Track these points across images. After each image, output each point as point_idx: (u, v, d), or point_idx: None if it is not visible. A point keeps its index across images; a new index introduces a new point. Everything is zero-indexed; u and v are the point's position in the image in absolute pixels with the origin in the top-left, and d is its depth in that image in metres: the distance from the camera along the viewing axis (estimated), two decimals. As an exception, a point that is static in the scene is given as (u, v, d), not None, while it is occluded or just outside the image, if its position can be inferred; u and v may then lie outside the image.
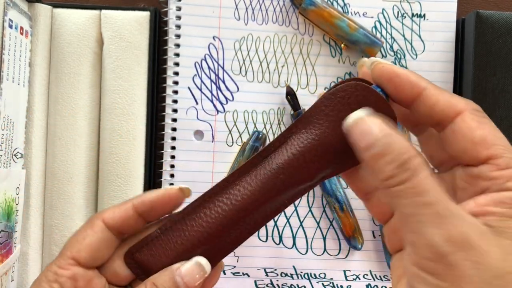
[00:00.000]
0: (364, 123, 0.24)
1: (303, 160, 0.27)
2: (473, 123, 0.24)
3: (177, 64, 0.46)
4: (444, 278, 0.22)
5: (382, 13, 0.47)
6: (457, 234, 0.22)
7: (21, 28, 0.41)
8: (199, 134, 0.47)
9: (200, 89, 0.46)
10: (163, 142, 0.46)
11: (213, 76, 0.47)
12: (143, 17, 0.45)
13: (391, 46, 0.47)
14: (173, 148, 0.46)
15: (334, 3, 0.47)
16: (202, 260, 0.29)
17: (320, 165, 0.28)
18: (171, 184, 0.46)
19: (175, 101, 0.46)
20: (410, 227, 0.23)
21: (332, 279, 0.47)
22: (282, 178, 0.28)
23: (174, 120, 0.46)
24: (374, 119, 0.24)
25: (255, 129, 0.47)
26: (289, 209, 0.47)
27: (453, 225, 0.22)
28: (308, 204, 0.47)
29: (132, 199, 0.30)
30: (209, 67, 0.47)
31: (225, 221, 0.29)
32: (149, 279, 0.29)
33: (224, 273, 0.47)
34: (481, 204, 0.23)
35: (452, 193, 0.25)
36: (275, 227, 0.47)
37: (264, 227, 0.47)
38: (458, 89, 0.47)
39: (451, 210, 0.22)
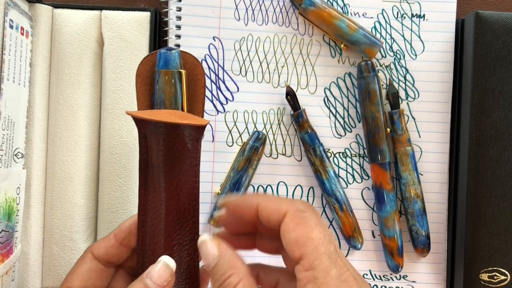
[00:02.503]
0: (203, 247, 0.31)
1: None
2: (291, 225, 0.27)
3: (177, 64, 0.46)
4: None
5: (382, 13, 0.47)
6: None
7: (22, 28, 0.41)
8: (199, 134, 0.47)
9: (200, 89, 0.47)
10: (163, 142, 0.46)
11: (213, 76, 0.47)
12: (143, 17, 0.45)
13: (391, 47, 0.47)
14: (173, 148, 0.46)
15: (334, 3, 0.47)
16: (165, 259, 0.32)
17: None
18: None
19: (175, 101, 0.46)
20: None
21: (332, 278, 0.47)
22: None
23: (174, 120, 0.46)
24: (210, 244, 0.30)
25: (255, 129, 0.47)
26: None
27: None
28: (308, 204, 0.47)
29: (113, 230, 0.35)
30: (209, 68, 0.47)
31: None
32: None
33: (224, 273, 0.47)
34: None
35: None
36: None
37: (264, 227, 0.47)
38: (457, 89, 0.47)
39: None
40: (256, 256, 0.35)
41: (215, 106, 0.47)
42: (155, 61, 0.33)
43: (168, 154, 0.32)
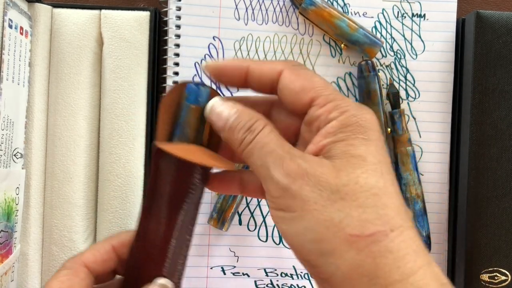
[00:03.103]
0: (216, 108, 0.29)
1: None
2: (292, 77, 0.28)
3: (177, 64, 0.46)
4: (293, 208, 0.25)
5: (382, 13, 0.47)
6: (294, 169, 0.25)
7: (21, 28, 0.41)
8: (199, 134, 0.47)
9: (200, 89, 0.46)
10: (163, 142, 0.46)
11: (213, 76, 0.47)
12: (143, 17, 0.45)
13: (391, 46, 0.47)
14: (173, 148, 0.46)
15: (334, 3, 0.47)
16: (161, 280, 0.31)
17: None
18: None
19: (175, 101, 0.46)
20: (262, 177, 0.26)
21: (332, 279, 0.47)
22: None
23: (174, 120, 0.46)
24: (223, 103, 0.29)
25: (255, 129, 0.47)
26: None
27: (291, 163, 0.25)
28: (308, 204, 0.47)
29: (110, 239, 0.31)
30: (209, 67, 0.46)
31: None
32: None
33: (224, 273, 0.47)
34: (317, 142, 0.26)
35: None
36: (275, 227, 0.47)
37: (264, 227, 0.47)
38: (458, 89, 0.47)
39: (291, 153, 0.25)
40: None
41: (215, 106, 0.47)
42: (182, 93, 0.33)
43: (180, 189, 0.32)
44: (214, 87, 0.34)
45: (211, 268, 0.47)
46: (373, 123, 0.26)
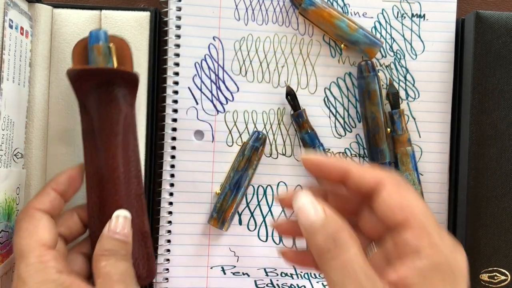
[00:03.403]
0: (306, 207, 0.29)
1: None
2: (393, 193, 0.28)
3: (177, 64, 0.46)
4: None
5: (382, 13, 0.47)
6: None
7: (22, 28, 0.41)
8: (199, 134, 0.47)
9: (200, 89, 0.47)
10: (163, 142, 0.46)
11: (213, 76, 0.47)
12: (143, 17, 0.45)
13: (391, 47, 0.47)
14: (173, 148, 0.46)
15: (334, 3, 0.47)
16: (118, 212, 0.37)
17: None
18: (172, 184, 0.46)
19: (175, 101, 0.46)
20: None
21: (332, 279, 0.47)
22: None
23: (174, 120, 0.46)
24: (313, 204, 0.29)
25: (255, 129, 0.47)
26: (289, 209, 0.47)
27: None
28: (308, 204, 0.47)
29: (49, 184, 0.38)
30: (209, 67, 0.47)
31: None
32: (94, 254, 0.35)
33: (224, 273, 0.47)
34: (400, 272, 0.26)
35: (384, 259, 0.29)
36: (275, 227, 0.47)
37: (264, 227, 0.47)
38: (457, 89, 0.47)
39: (373, 282, 0.25)
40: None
41: (215, 106, 0.47)
42: (87, 44, 0.39)
43: (106, 118, 0.37)
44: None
45: (211, 268, 0.47)
46: (463, 267, 0.27)
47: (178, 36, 0.46)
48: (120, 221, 0.36)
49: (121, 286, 0.34)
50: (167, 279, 0.46)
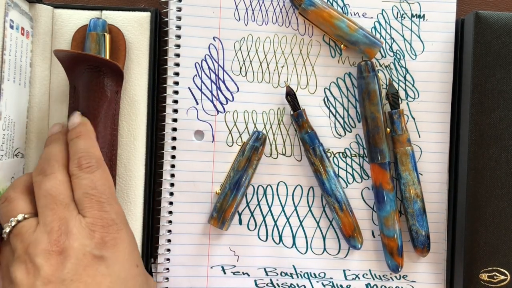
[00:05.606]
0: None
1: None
2: None
3: (177, 64, 0.46)
4: None
5: (382, 13, 0.47)
6: None
7: (22, 28, 0.41)
8: (199, 134, 0.47)
9: (201, 90, 0.47)
10: (163, 142, 0.46)
11: (213, 77, 0.47)
12: (143, 17, 0.46)
13: (391, 47, 0.47)
14: (174, 148, 0.46)
15: (334, 3, 0.47)
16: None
17: None
18: (172, 184, 0.46)
19: (175, 101, 0.46)
20: None
21: (331, 278, 0.47)
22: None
23: (175, 120, 0.46)
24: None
25: (255, 129, 0.47)
26: (289, 209, 0.47)
27: None
28: (308, 204, 0.47)
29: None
30: (209, 68, 0.47)
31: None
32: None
33: (224, 273, 0.47)
34: None
35: None
36: (275, 226, 0.47)
37: (264, 227, 0.47)
38: (457, 89, 0.47)
39: None
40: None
41: (215, 106, 0.47)
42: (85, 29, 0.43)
43: (91, 100, 0.40)
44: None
45: (211, 268, 0.47)
46: None
47: (179, 37, 0.46)
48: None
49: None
50: (167, 278, 0.46)
